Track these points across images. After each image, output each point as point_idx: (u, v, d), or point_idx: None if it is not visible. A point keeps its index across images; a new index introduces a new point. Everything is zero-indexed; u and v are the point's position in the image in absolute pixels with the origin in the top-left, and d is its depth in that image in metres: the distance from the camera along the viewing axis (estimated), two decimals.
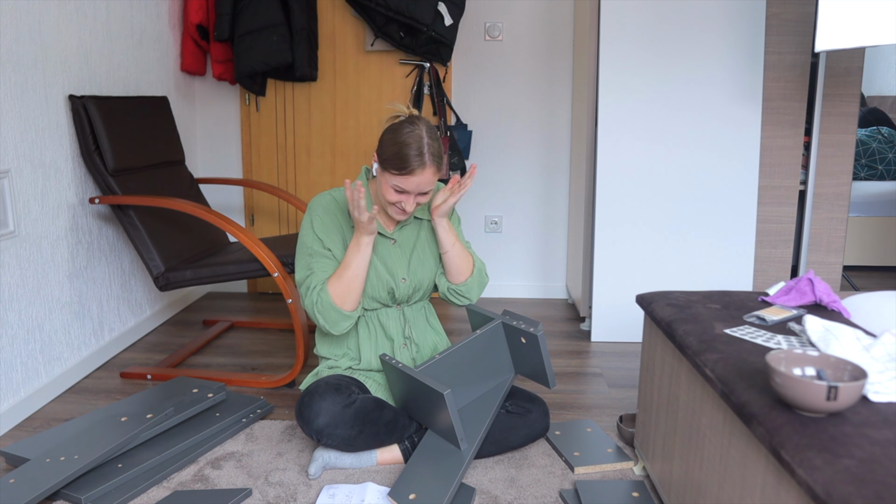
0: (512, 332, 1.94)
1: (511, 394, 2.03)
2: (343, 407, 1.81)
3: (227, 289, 3.80)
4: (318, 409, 1.80)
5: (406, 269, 2.00)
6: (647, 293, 1.83)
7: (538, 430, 2.00)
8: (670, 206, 2.88)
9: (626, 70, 2.80)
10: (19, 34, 2.23)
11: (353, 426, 1.82)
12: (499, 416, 1.94)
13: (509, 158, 3.57)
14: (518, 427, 1.96)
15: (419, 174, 1.81)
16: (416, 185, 1.83)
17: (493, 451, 1.95)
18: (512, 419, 1.96)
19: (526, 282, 3.69)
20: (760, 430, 1.11)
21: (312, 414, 1.80)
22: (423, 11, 3.17)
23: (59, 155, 2.45)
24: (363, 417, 1.83)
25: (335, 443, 1.84)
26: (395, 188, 1.85)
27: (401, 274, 1.98)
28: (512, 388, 2.03)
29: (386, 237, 1.99)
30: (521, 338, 1.92)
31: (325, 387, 1.85)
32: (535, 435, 2.00)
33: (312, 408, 1.81)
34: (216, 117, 3.62)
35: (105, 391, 2.48)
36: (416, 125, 1.83)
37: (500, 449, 1.96)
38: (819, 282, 1.66)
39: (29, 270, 2.30)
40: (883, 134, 4.56)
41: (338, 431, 1.81)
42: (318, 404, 1.81)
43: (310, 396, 1.83)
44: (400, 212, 1.90)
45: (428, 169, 1.82)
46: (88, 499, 1.72)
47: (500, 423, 1.94)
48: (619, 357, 2.82)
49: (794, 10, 2.79)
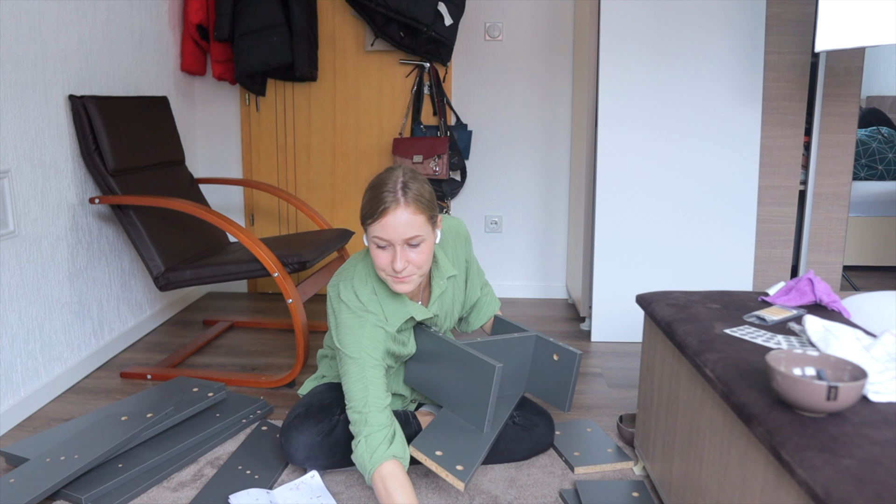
0: (545, 346, 1.92)
1: (519, 404, 1.99)
2: (322, 437, 1.80)
3: (227, 289, 3.80)
4: (297, 444, 1.81)
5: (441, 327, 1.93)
6: (647, 293, 1.83)
7: (542, 445, 1.98)
8: (670, 206, 2.88)
9: (627, 70, 2.80)
10: (19, 34, 2.23)
11: (334, 454, 1.82)
12: (506, 429, 1.92)
13: (509, 158, 3.57)
14: (523, 440, 1.94)
15: (393, 213, 1.54)
16: (394, 230, 1.55)
17: (495, 460, 1.94)
18: (518, 432, 1.93)
19: (526, 282, 3.69)
20: (760, 430, 1.11)
21: (292, 449, 1.82)
22: (423, 11, 3.17)
23: (59, 155, 2.45)
24: (345, 443, 1.81)
25: (322, 469, 1.85)
26: (377, 243, 1.58)
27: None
28: (521, 399, 2.01)
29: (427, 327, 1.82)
30: (553, 354, 1.90)
31: (305, 414, 1.83)
32: (540, 449, 1.98)
33: (291, 442, 1.82)
34: (216, 117, 3.62)
35: (105, 391, 2.48)
36: (394, 169, 1.61)
37: (502, 459, 1.95)
38: (819, 282, 1.66)
39: (29, 270, 2.30)
40: (883, 134, 4.56)
41: (320, 462, 1.82)
42: (297, 438, 1.81)
43: (288, 428, 1.83)
44: (398, 280, 1.61)
45: (403, 206, 1.54)
46: (88, 499, 1.72)
47: (505, 434, 1.92)
48: (619, 357, 2.82)
49: (794, 10, 2.79)
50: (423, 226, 1.58)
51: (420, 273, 1.64)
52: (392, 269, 1.60)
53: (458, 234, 1.92)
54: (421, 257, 1.61)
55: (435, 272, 1.81)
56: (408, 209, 1.55)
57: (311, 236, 2.85)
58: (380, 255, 1.60)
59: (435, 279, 1.81)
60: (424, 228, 1.59)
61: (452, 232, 1.91)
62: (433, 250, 1.69)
